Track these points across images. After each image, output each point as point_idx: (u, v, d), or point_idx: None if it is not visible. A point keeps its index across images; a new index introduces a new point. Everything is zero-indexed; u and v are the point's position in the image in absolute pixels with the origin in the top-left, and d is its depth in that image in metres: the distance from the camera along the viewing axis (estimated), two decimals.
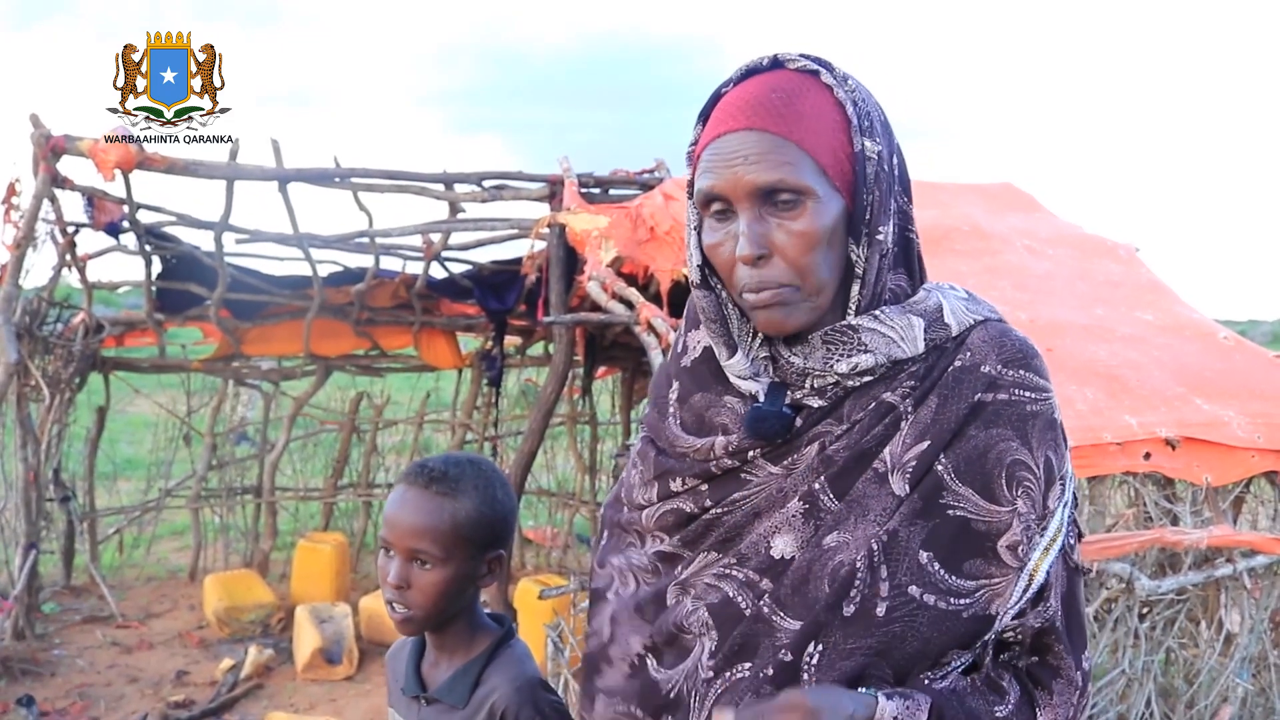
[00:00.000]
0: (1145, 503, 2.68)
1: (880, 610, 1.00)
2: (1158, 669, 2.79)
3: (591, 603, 1.23)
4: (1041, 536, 1.03)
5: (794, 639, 1.01)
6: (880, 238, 1.04)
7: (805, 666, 1.01)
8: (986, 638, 1.03)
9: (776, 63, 1.04)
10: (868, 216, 1.03)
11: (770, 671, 1.02)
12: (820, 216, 1.00)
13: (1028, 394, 1.05)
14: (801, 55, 1.04)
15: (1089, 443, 2.48)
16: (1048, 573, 1.04)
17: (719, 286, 1.08)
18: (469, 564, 1.43)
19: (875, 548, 1.00)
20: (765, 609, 1.03)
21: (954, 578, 1.00)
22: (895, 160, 1.06)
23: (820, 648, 1.01)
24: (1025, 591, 1.02)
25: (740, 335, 1.09)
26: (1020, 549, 1.01)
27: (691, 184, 1.07)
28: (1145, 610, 2.74)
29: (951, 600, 1.00)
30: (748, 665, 1.03)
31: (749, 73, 1.05)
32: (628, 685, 1.13)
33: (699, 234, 1.07)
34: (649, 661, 1.11)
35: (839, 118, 1.02)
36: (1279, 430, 2.81)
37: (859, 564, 1.00)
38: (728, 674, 1.04)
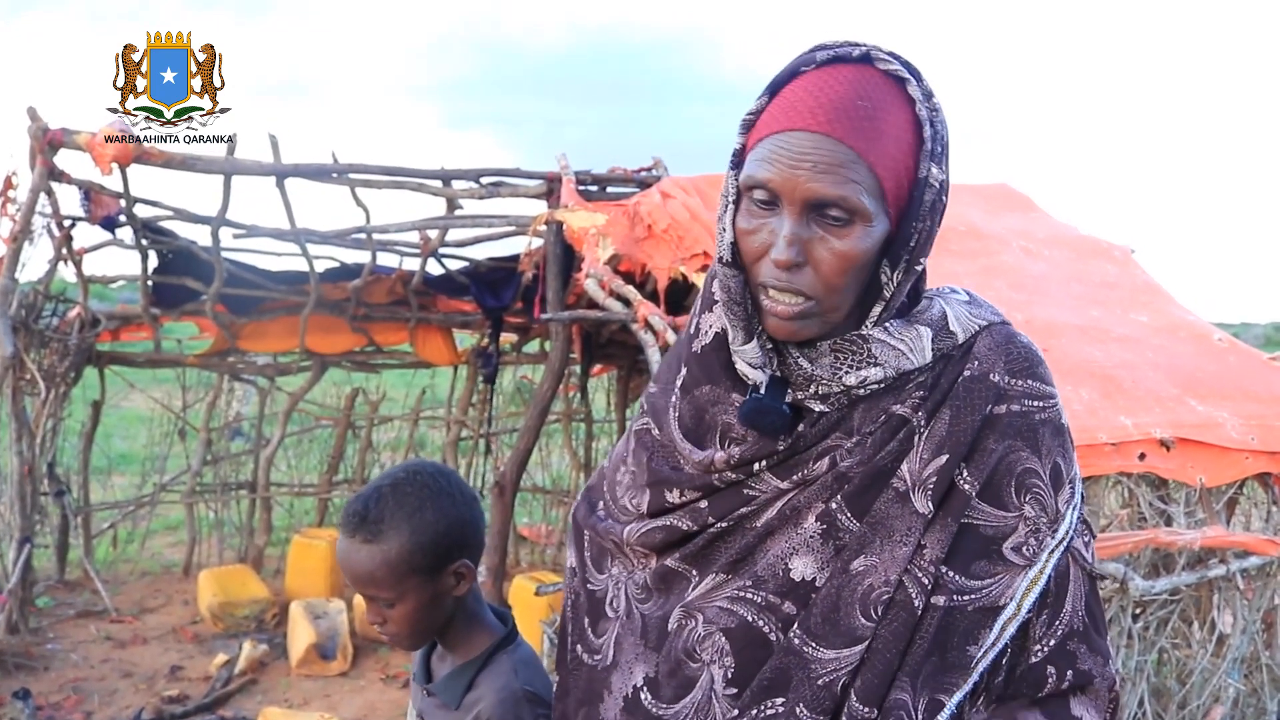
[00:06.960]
0: (1139, 503, 2.69)
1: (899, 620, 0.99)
2: (1150, 669, 2.80)
3: (590, 609, 1.17)
4: (1052, 539, 1.02)
5: (830, 670, 0.98)
6: (919, 267, 1.01)
7: (842, 695, 0.99)
8: (1002, 640, 1.01)
9: (867, 58, 0.97)
10: (912, 244, 0.99)
11: (806, 706, 0.98)
12: (864, 240, 0.95)
13: (1036, 403, 1.04)
14: (893, 56, 0.98)
15: (1084, 443, 2.48)
16: (1053, 573, 1.02)
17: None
18: (428, 587, 1.39)
19: (917, 573, 0.98)
20: (796, 640, 1.00)
21: (962, 579, 1.00)
22: (947, 189, 1.02)
23: (857, 679, 0.98)
24: (1028, 589, 1.01)
25: (752, 324, 1.03)
26: (1024, 549, 1.01)
27: (739, 153, 1.01)
28: (1139, 610, 2.74)
29: (956, 598, 1.00)
30: (780, 700, 0.99)
31: (835, 59, 0.97)
32: None
33: (735, 209, 1.01)
34: (643, 695, 1.07)
35: (913, 139, 0.97)
36: (1273, 432, 2.82)
37: (893, 590, 0.98)
38: (755, 710, 1.00)
